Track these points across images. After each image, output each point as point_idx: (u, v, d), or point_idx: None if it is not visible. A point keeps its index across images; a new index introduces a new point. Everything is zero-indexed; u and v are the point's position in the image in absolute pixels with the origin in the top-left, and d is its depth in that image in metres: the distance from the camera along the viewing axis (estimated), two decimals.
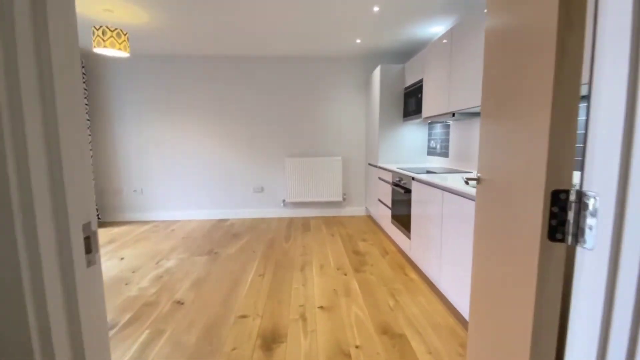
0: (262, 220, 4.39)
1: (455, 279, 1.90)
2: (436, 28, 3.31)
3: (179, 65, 4.21)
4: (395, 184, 3.08)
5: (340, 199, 4.46)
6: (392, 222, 3.22)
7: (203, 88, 4.27)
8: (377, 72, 3.73)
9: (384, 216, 3.57)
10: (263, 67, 4.26)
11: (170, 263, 2.85)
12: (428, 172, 2.65)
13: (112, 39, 2.79)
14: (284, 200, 4.51)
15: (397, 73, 3.65)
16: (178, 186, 4.42)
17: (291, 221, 4.31)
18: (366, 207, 4.60)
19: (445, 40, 2.58)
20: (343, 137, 4.47)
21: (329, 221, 4.29)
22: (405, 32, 3.43)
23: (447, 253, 2.00)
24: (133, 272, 2.66)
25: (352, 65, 4.33)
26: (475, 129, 2.72)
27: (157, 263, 2.85)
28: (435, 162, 3.50)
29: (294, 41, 3.67)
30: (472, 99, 2.17)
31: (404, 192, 2.76)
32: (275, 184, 4.47)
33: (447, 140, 3.27)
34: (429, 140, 3.71)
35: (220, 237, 3.61)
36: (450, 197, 1.93)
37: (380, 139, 3.74)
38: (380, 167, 3.64)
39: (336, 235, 3.65)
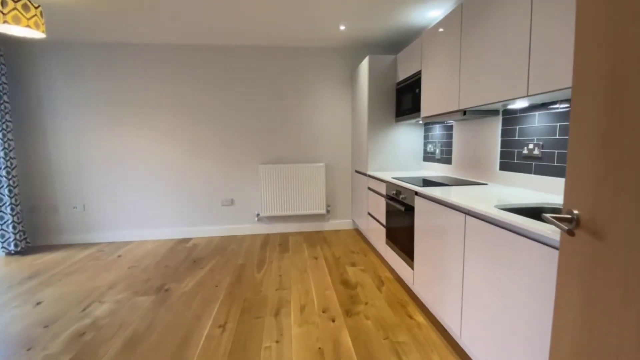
0: (232, 238, 3.73)
1: (489, 338, 1.36)
2: (434, 12, 2.80)
3: (128, 56, 3.49)
4: (391, 198, 2.53)
5: (323, 211, 3.88)
6: (388, 244, 2.66)
7: (160, 84, 3.57)
8: (364, 64, 3.19)
9: (376, 234, 3.01)
10: (232, 58, 3.62)
11: (101, 309, 2.16)
12: (427, 182, 2.12)
13: (15, 12, 2.08)
14: (258, 215, 3.87)
15: (389, 65, 3.12)
16: (129, 201, 3.69)
17: (267, 239, 3.68)
18: (353, 220, 4.04)
19: (452, 21, 2.06)
20: (326, 141, 3.89)
21: (311, 238, 3.69)
22: (397, 17, 2.90)
23: (473, 300, 1.46)
24: (45, 326, 1.96)
25: (336, 57, 3.77)
26: (487, 130, 2.22)
27: (83, 310, 2.15)
28: (435, 170, 2.98)
29: (267, 26, 3.06)
30: (496, 92, 1.65)
31: (404, 209, 2.21)
32: (247, 196, 3.83)
33: (449, 144, 2.77)
34: (426, 144, 3.20)
35: (177, 265, 2.93)
36: (482, 226, 1.39)
37: (369, 143, 3.19)
38: (371, 176, 3.09)
39: (320, 258, 3.06)
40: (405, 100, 2.91)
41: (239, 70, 3.64)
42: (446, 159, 2.82)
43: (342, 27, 3.12)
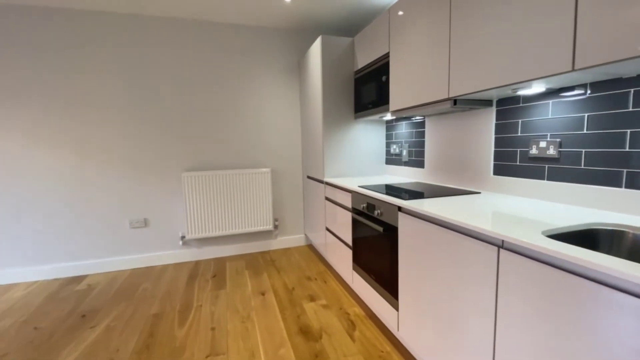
0: (147, 272, 2.80)
1: None
2: None
3: None
4: (360, 213, 1.97)
5: (270, 226, 3.17)
6: (357, 270, 2.10)
7: (30, 62, 2.48)
8: (316, 47, 2.60)
9: (339, 255, 2.43)
10: (145, 32, 2.71)
11: None
12: (403, 191, 1.62)
13: None
14: (183, 237, 3.00)
15: (345, 50, 2.57)
16: None
17: (195, 269, 2.84)
18: (306, 235, 3.42)
19: None
20: (272, 141, 3.20)
21: (255, 262, 2.96)
22: None
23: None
24: None
25: (281, 39, 3.11)
26: (475, 125, 1.80)
27: None
28: (404, 175, 2.52)
29: None
30: (514, 70, 1.19)
31: (383, 229, 1.66)
32: (167, 213, 2.93)
33: (420, 144, 2.32)
34: (389, 145, 2.74)
35: (54, 325, 1.96)
36: (535, 268, 0.87)
37: (325, 144, 2.60)
38: (330, 184, 2.50)
39: (268, 292, 2.36)
40: (366, 91, 2.39)
41: (156, 49, 2.74)
42: (416, 162, 2.37)
43: (288, 0, 2.49)
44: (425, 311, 1.40)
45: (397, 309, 1.62)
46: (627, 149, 1.15)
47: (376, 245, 1.79)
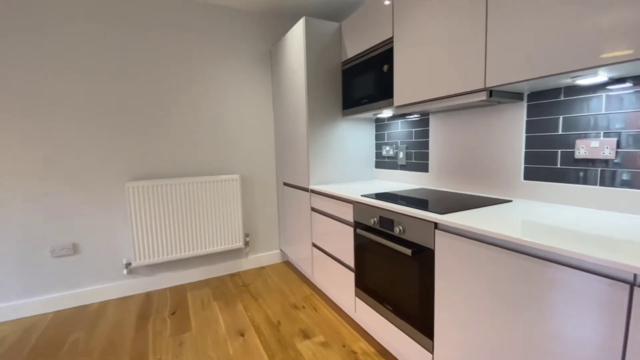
0: (77, 314, 2.12)
1: None
2: None
3: None
4: (369, 229, 1.62)
5: (240, 243, 2.67)
6: (362, 297, 1.74)
7: None
8: (297, 32, 2.20)
9: (332, 277, 2.05)
10: (76, 13, 2.05)
11: None
12: (409, 199, 1.32)
13: None
14: (128, 264, 2.36)
15: (331, 37, 2.22)
16: None
17: (147, 304, 2.23)
18: (282, 250, 2.97)
19: None
20: (240, 142, 2.70)
21: (224, 289, 2.44)
22: None
23: None
24: None
25: (251, 22, 2.64)
26: (500, 122, 1.57)
27: None
28: (403, 180, 2.24)
29: None
30: (580, 55, 0.94)
31: (412, 251, 1.32)
32: (105, 235, 2.28)
33: (421, 146, 2.06)
34: (380, 146, 2.44)
35: None
36: None
37: (311, 146, 2.21)
38: (319, 193, 2.12)
39: (249, 330, 1.88)
40: (359, 84, 2.06)
41: (89, 34, 2.09)
42: (417, 165, 2.10)
43: None
44: (479, 353, 1.09)
45: (431, 351, 1.29)
46: None
47: (396, 270, 1.46)
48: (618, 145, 1.17)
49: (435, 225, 1.22)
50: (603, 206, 1.21)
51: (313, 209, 2.21)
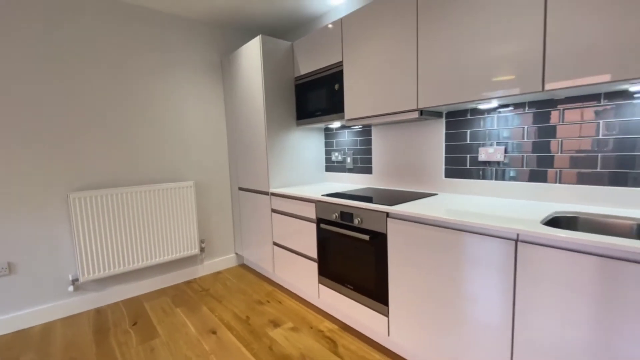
0: (17, 337, 1.92)
1: None
2: (335, 0, 2.41)
3: None
4: (330, 222, 1.90)
5: (196, 250, 2.69)
6: (325, 283, 2.00)
7: None
8: (253, 47, 2.39)
9: (295, 270, 2.27)
10: (21, 11, 1.87)
11: None
12: (360, 196, 1.68)
13: None
14: (75, 280, 2.20)
15: (285, 54, 2.46)
16: None
17: (100, 319, 2.13)
18: (237, 254, 3.06)
19: (400, 4, 1.69)
20: (193, 149, 2.73)
21: (184, 296, 2.45)
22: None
23: (550, 355, 1.09)
24: None
25: (202, 32, 2.71)
26: (426, 134, 2.01)
27: None
28: (352, 181, 2.58)
29: None
30: (477, 89, 1.38)
31: (370, 237, 1.64)
32: (46, 251, 2.10)
33: (365, 152, 2.43)
34: (330, 152, 2.76)
35: None
36: (561, 258, 1.02)
37: (270, 152, 2.41)
38: (280, 195, 2.32)
39: (220, 328, 1.98)
40: (313, 98, 2.35)
41: (35, 34, 1.93)
42: (363, 168, 2.47)
43: None
44: (421, 311, 1.45)
45: (386, 314, 1.62)
46: (551, 153, 1.50)
47: (355, 255, 1.76)
48: (506, 151, 1.67)
49: (387, 214, 1.56)
50: (498, 195, 1.71)
51: (274, 210, 2.40)
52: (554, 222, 1.29)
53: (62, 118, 2.10)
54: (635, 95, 1.27)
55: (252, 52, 2.42)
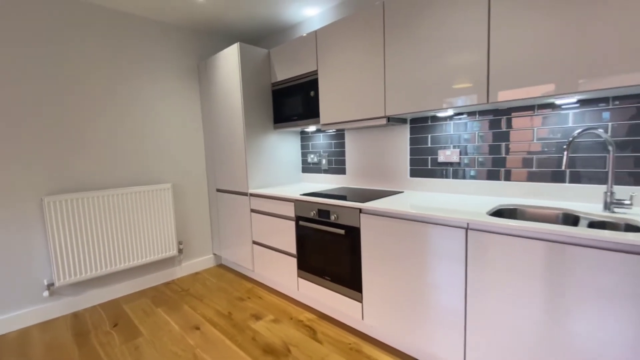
0: None
1: None
2: (310, 10, 2.58)
3: None
4: (308, 220, 2.05)
5: (174, 251, 2.73)
6: (304, 276, 2.15)
7: None
8: (231, 54, 2.49)
9: (275, 267, 2.39)
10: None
11: None
12: (335, 195, 1.87)
13: None
14: (50, 285, 2.17)
15: (262, 60, 2.58)
16: None
17: (79, 323, 2.12)
18: (215, 254, 3.12)
19: (368, 21, 1.89)
20: (171, 151, 2.77)
21: (163, 296, 2.48)
22: (269, 6, 2.45)
23: (485, 327, 1.31)
24: None
25: (180, 37, 2.75)
26: (393, 138, 2.22)
27: None
28: (327, 182, 2.75)
29: None
30: (432, 100, 1.61)
31: (345, 231, 1.81)
32: (19, 256, 2.06)
33: (339, 154, 2.61)
34: (306, 154, 2.91)
35: None
36: (502, 241, 1.25)
37: (248, 154, 2.51)
38: (259, 195, 2.43)
39: (204, 324, 2.06)
40: (290, 103, 2.49)
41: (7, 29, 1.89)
42: (338, 169, 2.65)
43: None
44: (390, 295, 1.64)
45: (360, 300, 1.80)
46: (499, 155, 1.76)
47: (332, 248, 1.93)
48: (461, 153, 1.92)
49: (360, 210, 1.74)
50: (456, 191, 1.95)
51: (253, 210, 2.51)
52: (499, 213, 1.53)
53: (35, 121, 2.08)
54: (563, 107, 1.54)
55: (229, 59, 2.52)
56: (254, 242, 2.55)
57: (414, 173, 2.15)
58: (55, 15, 2.13)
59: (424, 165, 2.09)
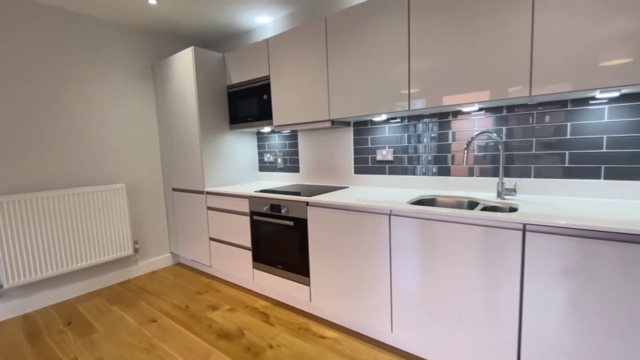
0: None
1: (430, 329, 1.52)
2: (263, 18, 2.74)
3: None
4: (263, 214, 2.22)
5: (129, 251, 2.75)
6: (259, 267, 2.31)
7: None
8: (186, 57, 2.57)
9: (232, 260, 2.53)
10: None
11: None
12: (289, 192, 2.08)
13: None
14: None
15: (217, 64, 2.70)
16: None
17: (30, 324, 2.10)
18: (173, 253, 3.16)
19: (312, 34, 2.10)
20: (124, 151, 2.78)
21: (119, 295, 2.51)
22: (224, 11, 2.58)
23: (406, 296, 1.58)
24: None
25: (133, 38, 2.77)
26: (340, 139, 2.46)
27: None
28: (282, 180, 2.92)
29: None
30: (370, 106, 1.87)
31: (294, 223, 2.01)
32: None
33: (294, 153, 2.81)
34: (262, 154, 3.07)
35: None
36: (419, 224, 1.51)
37: (205, 155, 2.62)
38: (215, 193, 2.55)
39: (161, 317, 2.14)
40: (245, 105, 2.64)
41: None
42: (292, 168, 2.84)
43: (153, 1, 2.35)
44: (334, 278, 1.87)
45: (308, 284, 2.01)
46: (425, 154, 2.06)
47: (283, 239, 2.11)
48: (394, 153, 2.20)
49: (307, 203, 1.95)
50: (392, 185, 2.23)
51: (210, 208, 2.62)
52: (420, 202, 1.81)
53: None
54: (473, 113, 1.86)
55: (184, 61, 2.60)
56: (211, 239, 2.66)
57: (357, 170, 2.40)
58: None
59: (366, 163, 2.35)
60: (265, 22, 2.82)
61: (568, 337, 1.17)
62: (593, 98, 1.50)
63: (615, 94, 1.42)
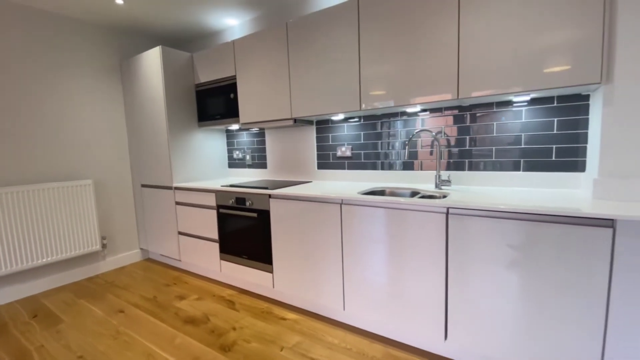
0: None
1: (377, 305, 1.71)
2: (231, 20, 2.85)
3: None
4: (229, 207, 2.34)
5: (97, 246, 2.78)
6: (226, 258, 2.43)
7: None
8: (153, 56, 2.64)
9: (200, 253, 2.62)
10: None
11: None
12: (255, 186, 2.22)
13: None
14: None
15: (185, 63, 2.78)
16: None
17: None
18: (142, 249, 3.20)
19: (276, 38, 2.25)
20: (92, 147, 2.80)
21: (86, 290, 2.54)
22: (191, 12, 2.67)
23: (359, 277, 1.76)
24: None
25: (100, 35, 2.79)
26: (304, 136, 2.62)
27: None
28: (251, 175, 3.04)
29: None
30: (328, 106, 2.04)
31: (257, 215, 2.15)
32: None
33: (261, 150, 2.94)
34: (231, 151, 3.17)
35: None
36: (366, 211, 1.70)
37: (173, 151, 2.70)
38: (183, 189, 2.64)
39: (128, 307, 2.21)
40: (213, 104, 2.74)
41: None
42: (260, 164, 2.97)
43: (120, 1, 2.41)
44: (294, 264, 2.03)
45: (271, 272, 2.16)
46: (379, 150, 2.26)
47: (248, 230, 2.24)
48: (352, 150, 2.38)
49: (269, 195, 2.10)
50: (351, 179, 2.41)
51: (178, 203, 2.70)
52: (372, 192, 2.01)
53: None
54: (420, 114, 2.08)
55: (152, 60, 2.67)
56: (180, 233, 2.75)
57: (320, 166, 2.57)
58: None
59: (327, 159, 2.52)
60: (234, 24, 2.93)
61: (496, 307, 1.39)
62: (511, 101, 1.75)
63: (526, 98, 1.66)
